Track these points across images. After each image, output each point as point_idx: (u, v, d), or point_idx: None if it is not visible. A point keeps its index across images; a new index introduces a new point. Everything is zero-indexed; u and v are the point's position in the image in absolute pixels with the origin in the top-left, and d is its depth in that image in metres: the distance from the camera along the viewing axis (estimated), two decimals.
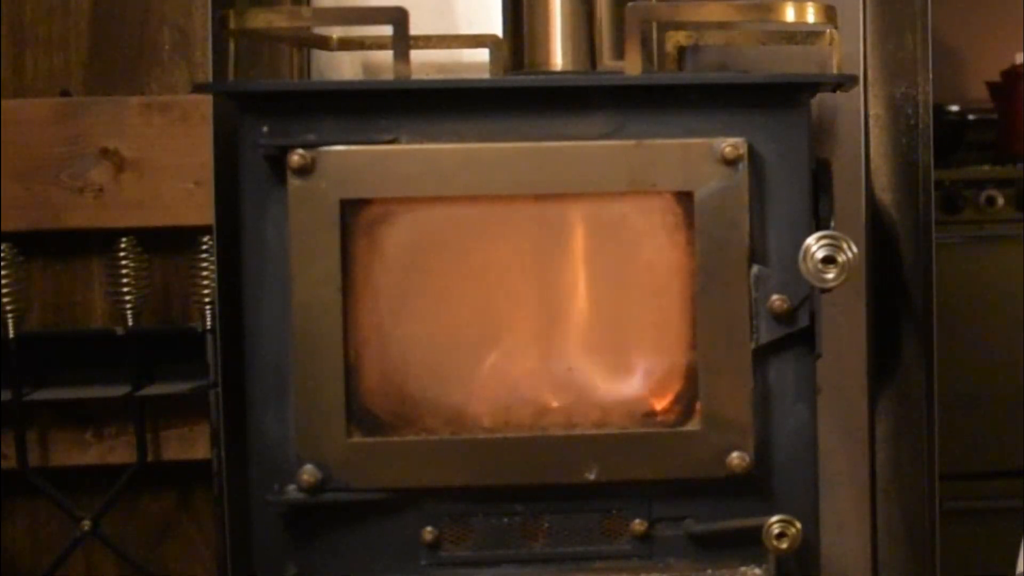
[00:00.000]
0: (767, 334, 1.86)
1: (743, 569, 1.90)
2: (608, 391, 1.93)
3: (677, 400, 1.91)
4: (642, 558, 1.90)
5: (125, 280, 2.34)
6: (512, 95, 1.87)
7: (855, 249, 1.80)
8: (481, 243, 1.92)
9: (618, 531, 1.90)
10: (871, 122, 2.29)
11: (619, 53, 1.97)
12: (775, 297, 1.85)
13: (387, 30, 1.85)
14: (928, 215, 2.21)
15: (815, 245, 1.80)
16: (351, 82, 2.19)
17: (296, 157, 1.82)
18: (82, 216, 2.39)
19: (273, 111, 1.84)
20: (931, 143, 2.20)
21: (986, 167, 3.09)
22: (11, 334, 2.32)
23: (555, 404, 1.92)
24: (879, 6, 2.28)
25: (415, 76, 1.86)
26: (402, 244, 1.89)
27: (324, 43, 2.19)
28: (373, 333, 1.89)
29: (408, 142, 1.85)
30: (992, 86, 3.21)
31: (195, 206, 2.35)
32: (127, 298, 2.34)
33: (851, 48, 2.22)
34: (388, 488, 1.87)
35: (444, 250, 1.91)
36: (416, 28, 1.88)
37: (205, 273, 2.32)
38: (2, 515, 2.45)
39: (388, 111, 1.85)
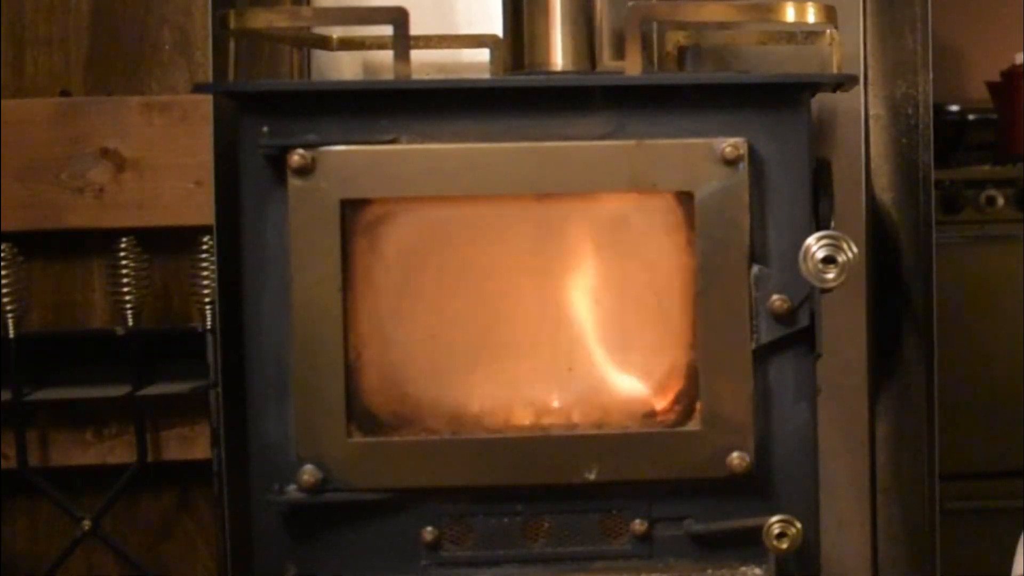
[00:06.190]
0: (767, 334, 1.86)
1: (743, 569, 1.90)
2: (608, 391, 1.93)
3: (677, 400, 1.91)
4: (642, 558, 1.90)
5: (125, 280, 2.34)
6: (512, 95, 1.87)
7: (855, 249, 1.80)
8: (481, 243, 1.92)
9: (618, 531, 1.90)
10: (871, 122, 2.29)
11: (619, 53, 1.97)
12: (775, 297, 1.85)
13: (387, 30, 1.85)
14: (928, 215, 2.21)
15: (815, 245, 1.80)
16: (351, 82, 2.19)
17: (296, 157, 1.82)
18: (82, 216, 2.38)
19: (273, 111, 1.84)
20: (931, 143, 2.20)
21: (986, 167, 3.08)
22: (11, 334, 2.32)
23: (555, 404, 1.92)
24: (879, 6, 2.28)
25: (415, 76, 1.86)
26: (402, 244, 1.89)
27: (324, 43, 2.19)
28: (373, 333, 1.89)
29: (408, 142, 1.85)
30: (992, 86, 3.21)
31: (195, 206, 2.35)
32: (127, 298, 2.34)
33: (851, 48, 2.22)
34: (388, 488, 1.87)
35: (444, 250, 1.91)
36: (416, 28, 1.88)
37: (205, 273, 2.31)
38: (2, 515, 2.45)
39: (388, 111, 1.85)
